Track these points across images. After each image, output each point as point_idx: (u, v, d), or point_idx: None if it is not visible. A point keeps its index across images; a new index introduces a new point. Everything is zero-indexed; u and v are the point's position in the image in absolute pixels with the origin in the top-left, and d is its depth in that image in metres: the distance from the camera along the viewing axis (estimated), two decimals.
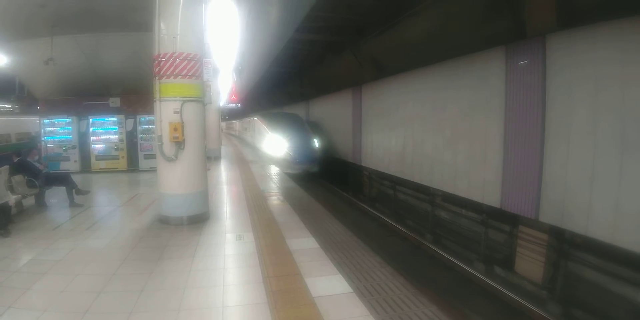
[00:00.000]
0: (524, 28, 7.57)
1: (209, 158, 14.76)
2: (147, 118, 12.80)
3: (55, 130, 13.27)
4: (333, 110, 19.74)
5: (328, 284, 4.32)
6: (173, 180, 6.66)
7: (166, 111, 6.51)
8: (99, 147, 13.30)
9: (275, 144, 17.26)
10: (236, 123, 45.21)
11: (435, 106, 10.66)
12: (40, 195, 7.83)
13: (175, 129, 6.44)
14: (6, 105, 31.97)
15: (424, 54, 10.92)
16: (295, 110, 25.28)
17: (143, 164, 13.26)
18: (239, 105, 26.26)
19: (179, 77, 6.45)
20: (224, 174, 13.54)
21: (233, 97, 22.18)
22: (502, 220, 8.55)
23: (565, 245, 7.03)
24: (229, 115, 52.55)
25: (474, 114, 9.05)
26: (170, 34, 6.39)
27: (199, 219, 6.79)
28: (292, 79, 25.00)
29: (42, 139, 13.18)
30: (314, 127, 20.41)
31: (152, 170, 11.09)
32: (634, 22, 5.51)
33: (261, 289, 4.18)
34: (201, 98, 6.90)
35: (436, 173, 10.60)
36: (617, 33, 5.78)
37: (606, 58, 5.96)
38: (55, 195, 8.34)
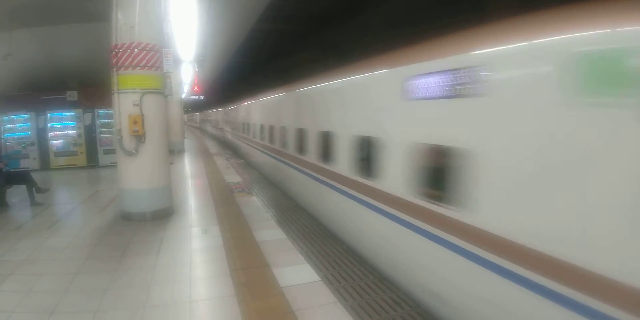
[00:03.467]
0: None
1: (172, 151, 14.47)
2: (106, 111, 12.38)
3: (14, 127, 12.68)
4: None
5: (296, 274, 4.36)
6: (134, 175, 6.49)
7: (125, 104, 6.31)
8: (57, 143, 12.78)
9: None
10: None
11: None
12: (1, 195, 7.50)
13: (135, 122, 6.26)
14: None
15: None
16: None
17: (103, 159, 12.87)
18: (202, 97, 25.67)
19: (138, 68, 6.26)
20: (188, 168, 13.32)
21: (196, 88, 21.59)
22: None
23: None
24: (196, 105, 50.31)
25: None
26: (128, 23, 6.18)
27: (163, 214, 6.67)
28: (257, 70, 24.61)
29: (2, 136, 12.58)
30: None
31: (113, 165, 10.74)
32: None
33: (229, 281, 4.17)
34: (161, 89, 6.72)
35: None
36: None
37: None
38: (16, 195, 7.99)
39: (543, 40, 2.62)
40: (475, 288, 3.15)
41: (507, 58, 2.88)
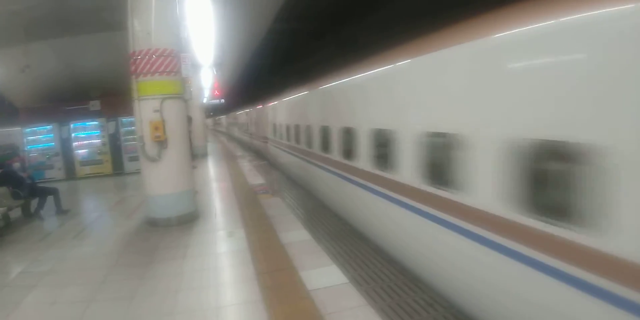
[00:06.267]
0: None
1: (195, 155, 14.56)
2: (130, 119, 12.51)
3: (37, 139, 12.95)
4: None
5: (323, 276, 4.25)
6: (158, 181, 6.50)
7: (146, 110, 6.32)
8: (82, 152, 13.02)
9: None
10: None
11: None
12: (26, 206, 7.60)
13: (157, 128, 6.27)
14: None
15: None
16: None
17: (128, 166, 13.04)
18: (222, 100, 25.87)
19: (157, 74, 6.27)
20: (212, 171, 13.39)
21: (216, 92, 21.74)
22: None
23: None
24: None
25: None
26: (144, 30, 6.19)
27: (188, 219, 6.67)
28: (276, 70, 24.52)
29: (25, 148, 12.87)
30: None
31: (138, 172, 10.79)
32: None
33: (255, 286, 4.09)
34: (181, 94, 6.71)
35: None
36: None
37: None
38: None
39: None
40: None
41: None
